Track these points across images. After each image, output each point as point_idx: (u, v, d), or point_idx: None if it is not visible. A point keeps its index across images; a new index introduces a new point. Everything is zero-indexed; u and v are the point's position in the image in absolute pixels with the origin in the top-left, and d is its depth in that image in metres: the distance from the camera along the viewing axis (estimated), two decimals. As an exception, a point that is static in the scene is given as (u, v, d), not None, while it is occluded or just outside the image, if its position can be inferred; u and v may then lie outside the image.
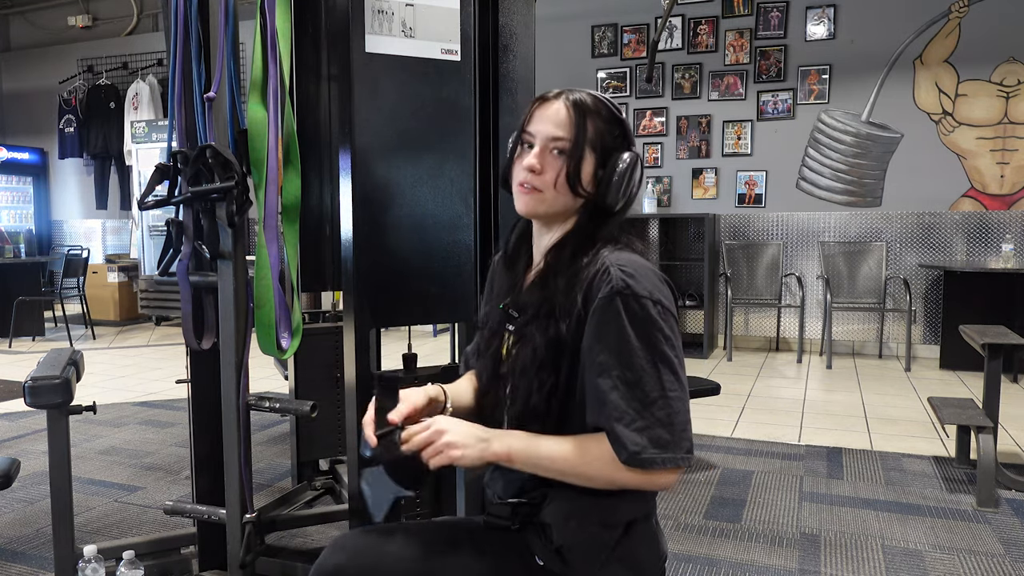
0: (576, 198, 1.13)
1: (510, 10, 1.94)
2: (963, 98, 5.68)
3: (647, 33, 6.50)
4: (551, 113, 1.13)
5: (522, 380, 1.12)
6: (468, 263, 1.85)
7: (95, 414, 2.01)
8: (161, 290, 6.48)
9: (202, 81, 1.82)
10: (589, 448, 1.04)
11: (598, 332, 1.04)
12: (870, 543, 2.45)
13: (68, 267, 6.79)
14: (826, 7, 5.95)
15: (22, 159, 8.72)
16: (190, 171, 1.76)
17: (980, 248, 5.69)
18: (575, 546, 1.09)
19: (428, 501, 1.96)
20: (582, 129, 1.11)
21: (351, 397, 1.78)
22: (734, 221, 6.34)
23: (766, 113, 6.19)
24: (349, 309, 1.77)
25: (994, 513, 2.68)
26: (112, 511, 2.75)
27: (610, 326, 1.03)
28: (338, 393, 2.79)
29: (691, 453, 1.03)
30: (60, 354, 2.01)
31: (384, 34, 1.72)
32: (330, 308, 3.17)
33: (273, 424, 3.91)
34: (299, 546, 2.44)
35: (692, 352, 6.07)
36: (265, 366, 4.88)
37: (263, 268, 1.77)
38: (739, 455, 3.38)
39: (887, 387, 4.83)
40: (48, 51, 8.96)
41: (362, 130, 1.71)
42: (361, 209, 1.73)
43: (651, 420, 1.00)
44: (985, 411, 2.99)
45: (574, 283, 1.09)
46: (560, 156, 1.12)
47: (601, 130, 1.13)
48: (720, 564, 2.30)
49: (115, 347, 6.54)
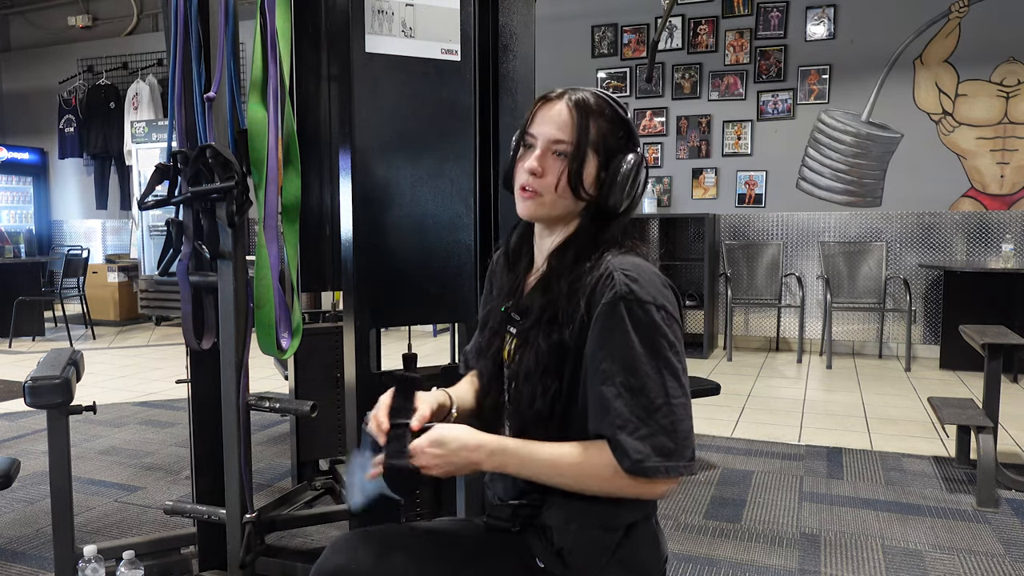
0: (578, 201, 1.12)
1: (510, 10, 1.94)
2: (963, 98, 5.68)
3: (647, 33, 6.50)
4: (553, 114, 1.11)
5: (526, 385, 1.11)
6: (468, 263, 1.85)
7: (95, 414, 2.01)
8: (161, 290, 6.49)
9: (202, 81, 1.82)
10: (590, 455, 1.03)
11: (601, 338, 1.03)
12: (870, 543, 2.45)
13: (68, 267, 6.79)
14: (826, 7, 5.95)
15: (22, 159, 8.72)
16: (190, 171, 1.76)
17: (980, 248, 5.69)
18: (576, 548, 1.09)
19: (428, 501, 1.96)
20: (584, 131, 1.09)
21: (351, 397, 1.78)
22: (734, 221, 6.34)
23: (766, 113, 6.19)
24: (349, 309, 1.77)
25: (994, 513, 2.68)
26: (112, 511, 2.75)
27: (614, 332, 1.01)
28: (338, 393, 2.79)
29: (693, 460, 1.01)
30: (60, 354, 2.01)
31: (384, 34, 1.72)
32: (330, 308, 3.18)
33: (273, 424, 3.91)
34: (299, 546, 2.44)
35: (692, 352, 6.07)
36: (265, 366, 4.88)
37: (263, 268, 1.77)
38: (739, 455, 3.38)
39: (887, 387, 4.83)
40: (48, 51, 8.96)
41: (362, 130, 1.71)
42: (361, 209, 1.73)
43: (655, 428, 0.99)
44: (985, 411, 2.99)
45: (577, 287, 1.08)
46: (561, 158, 1.10)
47: (604, 131, 1.11)
48: (720, 564, 2.30)
49: (115, 347, 6.54)
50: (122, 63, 8.45)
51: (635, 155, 1.12)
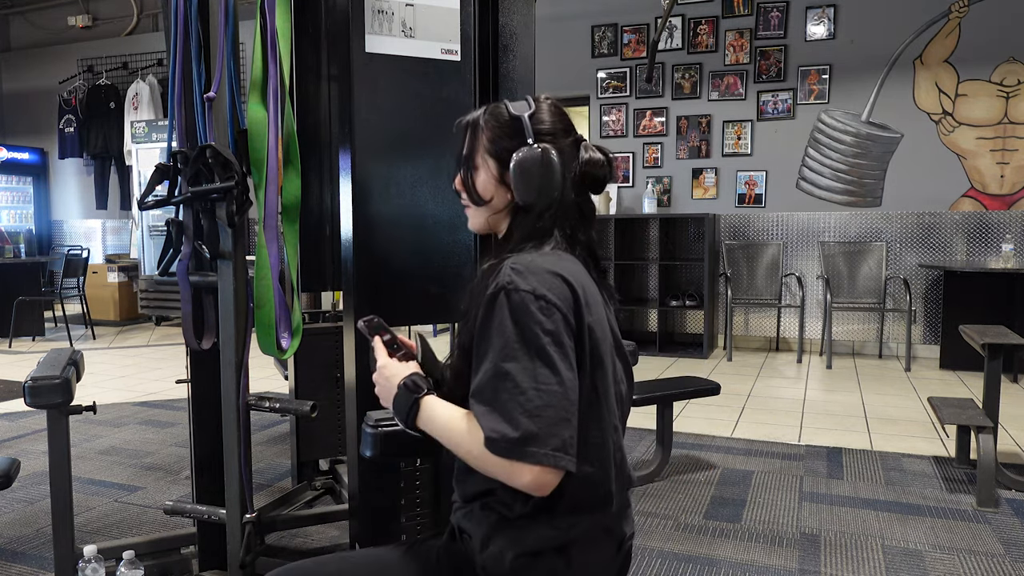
0: (490, 206, 1.18)
1: (510, 10, 1.94)
2: (963, 98, 5.68)
3: (647, 33, 6.50)
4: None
5: (455, 383, 1.14)
6: (468, 263, 1.85)
7: (95, 414, 2.02)
8: (161, 290, 6.47)
9: (202, 81, 1.82)
10: (472, 426, 1.03)
11: (481, 326, 1.05)
12: (870, 543, 2.45)
13: (68, 267, 6.79)
14: (826, 7, 5.95)
15: (22, 159, 8.72)
16: (190, 171, 1.76)
17: (980, 248, 5.69)
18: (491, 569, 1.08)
19: (427, 501, 1.96)
20: (468, 144, 1.19)
21: (351, 397, 1.78)
22: (734, 221, 6.34)
23: (766, 113, 6.19)
24: (349, 309, 1.77)
25: (994, 513, 2.68)
26: (112, 511, 2.75)
27: (492, 319, 1.03)
28: (338, 393, 2.79)
29: (564, 453, 0.98)
30: (60, 354, 2.01)
31: (384, 34, 1.72)
32: (330, 308, 3.18)
33: (273, 424, 3.91)
34: (299, 546, 2.44)
35: (692, 352, 6.08)
36: (265, 366, 4.88)
37: (263, 268, 1.77)
38: (739, 455, 3.38)
39: (887, 387, 4.83)
40: (48, 51, 8.96)
41: (362, 130, 1.71)
42: (361, 209, 1.73)
43: (516, 410, 0.98)
44: (985, 411, 2.99)
45: (482, 288, 1.10)
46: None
47: (495, 136, 1.16)
48: (720, 564, 2.30)
49: (115, 347, 6.54)
50: (122, 63, 8.46)
51: (526, 147, 1.13)
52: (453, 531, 1.19)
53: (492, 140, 1.16)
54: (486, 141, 1.17)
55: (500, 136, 1.16)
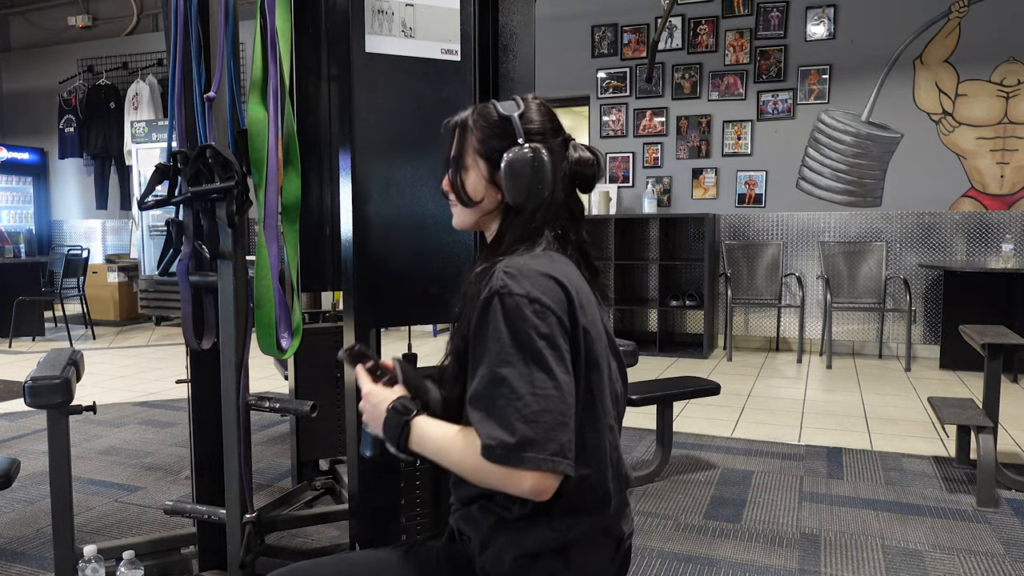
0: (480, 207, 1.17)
1: (510, 10, 1.94)
2: (963, 98, 5.68)
3: (647, 33, 6.50)
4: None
5: (450, 389, 1.14)
6: (468, 263, 1.85)
7: (95, 414, 2.02)
8: (161, 290, 6.48)
9: (202, 81, 1.82)
10: (467, 438, 1.03)
11: (476, 331, 1.05)
12: (870, 543, 2.45)
13: (68, 267, 6.79)
14: (826, 7, 5.95)
15: (22, 159, 8.72)
16: (190, 171, 1.76)
17: (980, 248, 5.69)
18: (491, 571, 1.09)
19: (427, 501, 1.96)
20: (457, 145, 1.18)
21: (351, 397, 1.78)
22: (734, 221, 6.34)
23: (766, 113, 6.19)
24: (349, 309, 1.77)
25: (994, 513, 2.68)
26: (112, 511, 2.75)
27: (486, 324, 1.03)
28: (338, 393, 2.79)
29: (562, 457, 0.97)
30: (60, 354, 2.01)
31: (384, 34, 1.72)
32: (330, 308, 3.18)
33: (273, 424, 3.91)
34: (299, 546, 2.44)
35: (692, 352, 6.08)
36: (265, 366, 4.88)
37: (263, 268, 1.77)
38: (739, 455, 3.38)
39: (887, 387, 4.83)
40: (48, 51, 8.96)
41: (362, 130, 1.71)
42: (361, 209, 1.73)
43: (513, 416, 0.97)
44: (985, 411, 2.99)
45: (475, 291, 1.10)
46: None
47: (485, 136, 1.16)
48: (720, 564, 2.30)
49: (115, 347, 6.54)
50: (122, 63, 8.46)
51: (516, 147, 1.13)
52: (453, 533, 1.19)
53: (482, 140, 1.16)
54: (476, 142, 1.16)
55: (490, 136, 1.15)
